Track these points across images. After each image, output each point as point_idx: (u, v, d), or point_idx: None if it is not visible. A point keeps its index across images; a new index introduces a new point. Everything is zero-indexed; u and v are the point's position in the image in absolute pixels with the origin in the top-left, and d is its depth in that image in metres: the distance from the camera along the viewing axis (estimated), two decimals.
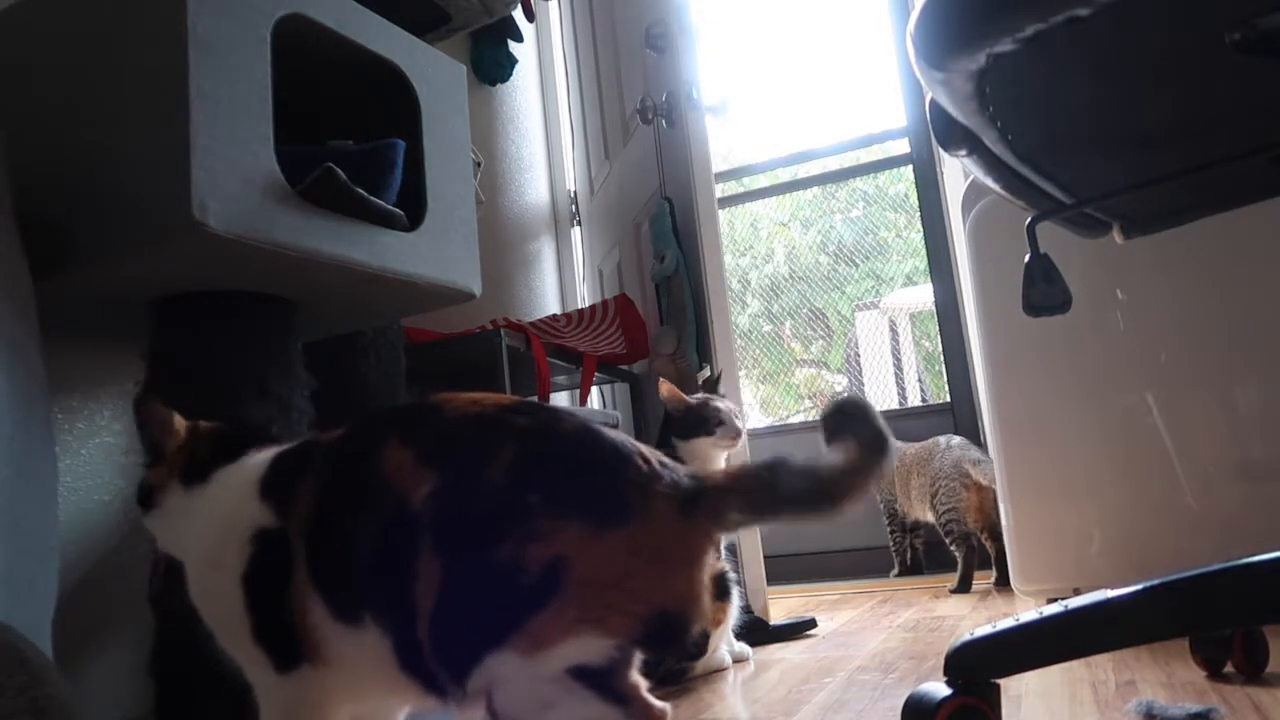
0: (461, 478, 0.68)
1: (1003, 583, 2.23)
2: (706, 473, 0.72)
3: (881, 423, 0.72)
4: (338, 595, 0.70)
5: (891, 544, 2.75)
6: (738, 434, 1.58)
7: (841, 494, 0.69)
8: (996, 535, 2.27)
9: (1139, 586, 0.84)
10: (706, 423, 1.58)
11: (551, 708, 0.65)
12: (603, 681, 0.66)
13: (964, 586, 2.32)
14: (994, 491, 2.26)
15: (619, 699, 0.67)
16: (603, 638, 0.65)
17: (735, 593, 1.56)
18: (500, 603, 0.65)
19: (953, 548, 2.40)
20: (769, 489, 0.71)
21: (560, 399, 2.52)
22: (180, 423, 0.83)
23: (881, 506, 2.74)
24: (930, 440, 2.60)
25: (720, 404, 1.61)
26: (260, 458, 0.79)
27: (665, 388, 1.62)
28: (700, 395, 1.64)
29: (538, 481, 0.68)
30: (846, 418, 0.74)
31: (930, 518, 2.51)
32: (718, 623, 1.52)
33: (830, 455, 0.71)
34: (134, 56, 1.04)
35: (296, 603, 0.71)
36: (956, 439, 2.54)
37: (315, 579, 0.70)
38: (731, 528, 0.72)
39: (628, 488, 0.68)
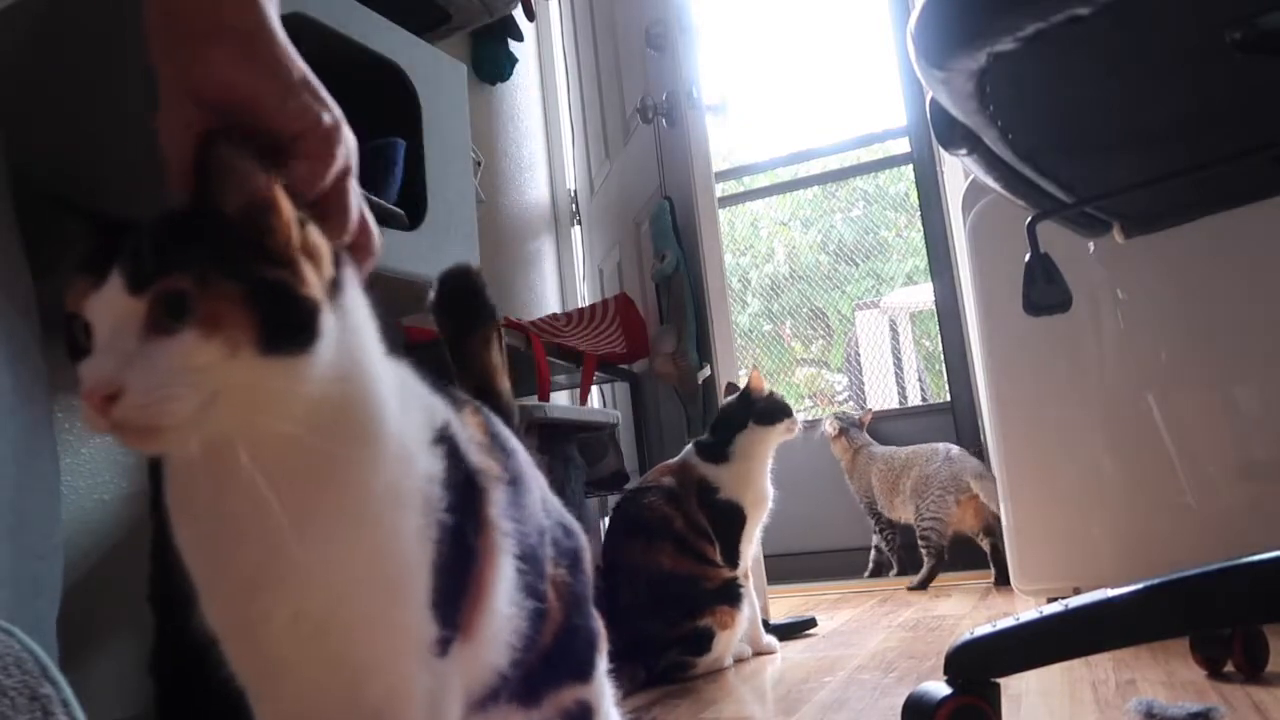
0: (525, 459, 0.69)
1: (1002, 581, 2.24)
2: None
3: (488, 296, 0.74)
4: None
5: (884, 544, 2.75)
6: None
7: (502, 399, 0.72)
8: (996, 534, 2.29)
9: (1139, 586, 0.84)
10: (778, 413, 1.69)
11: None
12: None
13: (923, 585, 2.45)
14: (990, 504, 2.31)
15: None
16: None
17: (746, 603, 1.59)
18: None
19: (924, 553, 2.49)
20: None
21: (560, 398, 2.52)
22: None
23: (863, 507, 2.75)
24: (928, 446, 2.61)
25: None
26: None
27: (755, 376, 1.74)
28: (768, 389, 1.75)
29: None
30: (457, 293, 0.74)
31: (909, 518, 2.55)
32: (724, 625, 1.53)
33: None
34: (134, 56, 1.03)
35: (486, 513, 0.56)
36: (956, 449, 2.57)
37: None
38: None
39: None
